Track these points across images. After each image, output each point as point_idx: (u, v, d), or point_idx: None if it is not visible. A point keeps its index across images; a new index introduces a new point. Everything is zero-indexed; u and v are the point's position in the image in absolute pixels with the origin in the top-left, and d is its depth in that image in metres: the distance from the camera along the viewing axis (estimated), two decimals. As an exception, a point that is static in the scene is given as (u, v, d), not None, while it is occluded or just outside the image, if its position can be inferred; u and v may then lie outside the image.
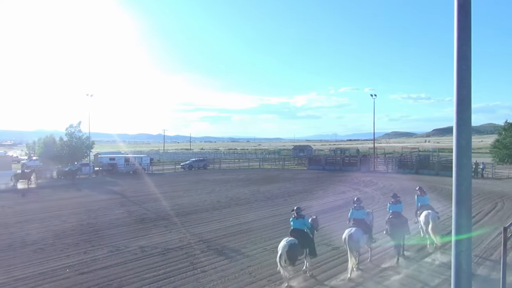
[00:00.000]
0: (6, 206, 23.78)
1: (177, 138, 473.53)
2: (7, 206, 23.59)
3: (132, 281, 10.42)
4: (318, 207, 21.79)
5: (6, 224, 18.24)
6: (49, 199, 26.90)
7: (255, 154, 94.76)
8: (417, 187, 16.03)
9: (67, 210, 21.75)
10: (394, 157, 54.74)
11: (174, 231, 16.32)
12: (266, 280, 10.39)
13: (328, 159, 55.62)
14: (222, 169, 53.20)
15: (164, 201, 24.36)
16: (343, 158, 55.52)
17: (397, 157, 53.94)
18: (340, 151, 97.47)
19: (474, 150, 58.99)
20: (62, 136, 49.50)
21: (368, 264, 11.55)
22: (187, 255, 12.79)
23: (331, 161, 52.95)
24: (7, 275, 11.05)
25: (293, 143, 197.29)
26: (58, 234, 16.06)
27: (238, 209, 21.55)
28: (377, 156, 57.51)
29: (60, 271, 11.36)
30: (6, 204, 24.34)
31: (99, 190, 31.32)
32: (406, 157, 56.52)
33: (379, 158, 56.36)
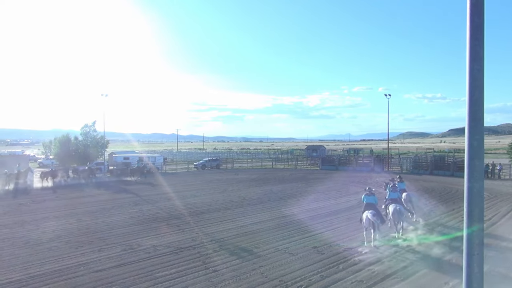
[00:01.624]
0: (23, 204, 24.26)
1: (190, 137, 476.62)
2: (24, 204, 24.05)
3: (145, 280, 10.53)
4: (331, 207, 21.70)
5: (23, 222, 18.60)
6: (65, 197, 27.32)
7: (268, 154, 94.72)
8: (397, 175, 18.92)
9: (81, 209, 22.07)
10: (409, 158, 54.14)
11: (186, 230, 16.43)
12: (278, 280, 10.39)
13: (341, 159, 55.28)
14: (235, 169, 53.31)
15: (177, 201, 24.54)
16: (356, 159, 55.10)
17: (411, 158, 53.32)
18: (353, 151, 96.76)
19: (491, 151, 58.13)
20: (77, 135, 50.27)
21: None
22: (199, 254, 12.86)
23: (345, 161, 52.62)
24: (24, 272, 11.27)
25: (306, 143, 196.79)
26: (73, 232, 16.31)
27: (250, 209, 21.58)
28: (391, 157, 56.97)
29: (75, 269, 11.54)
30: (23, 202, 24.83)
31: (113, 189, 31.69)
32: (421, 157, 55.81)
33: (393, 158, 55.82)
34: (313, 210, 20.88)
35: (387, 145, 57.00)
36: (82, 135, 49.55)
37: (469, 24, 2.90)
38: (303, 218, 18.81)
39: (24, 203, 24.67)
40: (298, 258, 12.34)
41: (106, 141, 51.39)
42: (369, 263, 11.76)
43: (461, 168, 40.01)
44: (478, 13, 2.90)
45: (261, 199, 24.92)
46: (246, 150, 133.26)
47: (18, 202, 25.02)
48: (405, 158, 55.36)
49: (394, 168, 48.28)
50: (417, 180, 35.48)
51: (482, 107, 2.89)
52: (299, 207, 22.03)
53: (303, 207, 21.99)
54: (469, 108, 2.88)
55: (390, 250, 13.06)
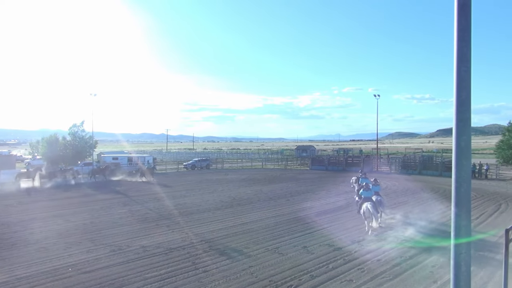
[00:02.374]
0: (10, 205, 23.91)
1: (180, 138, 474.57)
2: (10, 205, 23.72)
3: (134, 281, 10.45)
4: (321, 207, 21.79)
5: (9, 223, 18.33)
6: (53, 198, 26.99)
7: (258, 154, 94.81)
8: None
9: (70, 209, 21.83)
10: (398, 158, 54.56)
11: (176, 230, 16.35)
12: (267, 280, 10.39)
13: (331, 159, 55.52)
14: (225, 169, 53.24)
15: (167, 201, 24.41)
16: (346, 159, 55.36)
17: (400, 158, 53.72)
18: (343, 151, 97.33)
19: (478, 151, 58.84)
20: (66, 135, 49.64)
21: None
22: (189, 255, 12.81)
23: (334, 161, 52.87)
24: (10, 274, 11.11)
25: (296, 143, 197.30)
26: (61, 233, 16.12)
27: (240, 209, 21.55)
28: (381, 157, 57.41)
29: (63, 270, 11.40)
30: (9, 203, 24.47)
31: (101, 189, 31.40)
32: (410, 157, 56.26)
33: (383, 158, 56.21)
34: (303, 210, 20.93)
35: (376, 145, 57.46)
36: (70, 135, 48.94)
37: (457, 26, 2.94)
38: (293, 218, 18.86)
39: (11, 204, 24.33)
40: (288, 258, 12.37)
41: (95, 141, 50.83)
42: (358, 262, 11.84)
43: (449, 168, 40.46)
44: (465, 16, 2.94)
45: (251, 199, 24.92)
46: (236, 150, 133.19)
47: (5, 203, 24.66)
48: (394, 158, 55.81)
49: (383, 168, 48.62)
50: (406, 180, 35.80)
51: (469, 107, 2.93)
52: (289, 207, 22.07)
53: (293, 207, 22.03)
54: (456, 108, 2.92)
55: (379, 250, 13.15)
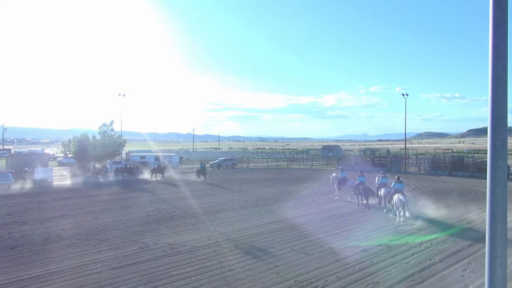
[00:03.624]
0: (43, 201, 24.76)
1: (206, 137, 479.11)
2: (43, 202, 24.55)
3: (161, 278, 10.61)
4: (347, 207, 21.51)
5: (42, 219, 18.98)
6: (83, 195, 27.77)
7: (283, 154, 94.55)
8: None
9: (99, 207, 22.40)
10: (427, 158, 53.24)
11: (202, 229, 16.50)
12: (293, 280, 10.35)
13: (357, 159, 54.78)
14: (250, 169, 53.34)
15: (193, 200, 24.68)
16: (373, 159, 54.52)
17: (429, 158, 52.42)
18: (370, 151, 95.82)
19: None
20: (95, 134, 50.94)
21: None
22: (215, 253, 12.90)
23: (361, 162, 52.12)
24: (43, 268, 11.51)
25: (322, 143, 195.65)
26: (91, 230, 16.56)
27: (265, 208, 21.54)
28: (409, 157, 56.19)
29: (93, 266, 11.72)
30: (42, 200, 25.34)
31: (129, 187, 32.06)
32: (439, 158, 54.86)
33: (411, 159, 55.04)
34: (329, 210, 20.74)
35: (405, 145, 56.30)
36: (100, 134, 50.19)
37: (492, 22, 2.84)
38: (319, 218, 18.71)
39: (44, 200, 25.18)
40: (313, 258, 12.27)
41: (124, 140, 51.93)
42: (386, 264, 11.63)
43: (481, 169, 39.22)
44: (502, 10, 2.83)
45: (276, 199, 24.87)
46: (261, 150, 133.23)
47: (38, 199, 25.54)
48: (423, 158, 54.50)
49: (411, 169, 47.65)
50: (435, 181, 34.94)
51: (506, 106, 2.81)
52: (315, 207, 21.91)
53: (319, 207, 21.86)
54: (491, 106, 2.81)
55: (408, 252, 12.87)
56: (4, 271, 11.31)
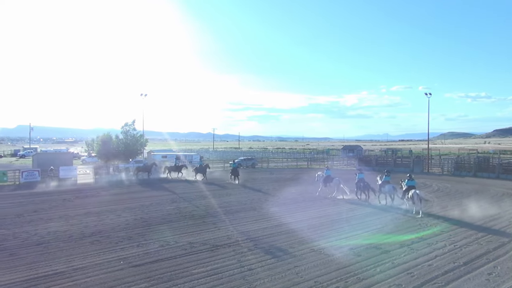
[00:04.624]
0: (67, 199, 25.36)
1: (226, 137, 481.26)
2: (68, 200, 25.14)
3: (182, 276, 10.72)
4: (368, 208, 21.25)
5: (67, 216, 19.44)
6: (106, 194, 28.31)
7: (303, 154, 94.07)
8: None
9: (121, 205, 22.78)
10: (450, 159, 52.07)
11: (222, 228, 16.58)
12: (313, 281, 10.29)
13: (379, 159, 54.03)
14: (270, 168, 53.28)
15: (213, 199, 24.82)
16: (394, 159, 53.66)
17: (453, 159, 51.26)
18: (391, 151, 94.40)
19: (541, 152, 53.80)
20: (118, 134, 51.84)
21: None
22: (235, 252, 12.94)
23: (382, 162, 51.39)
24: (67, 264, 11.78)
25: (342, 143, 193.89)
26: (113, 228, 16.86)
27: (285, 208, 21.47)
28: (432, 157, 55.07)
29: (115, 263, 11.93)
30: (67, 198, 25.95)
31: (151, 186, 32.49)
32: (464, 158, 53.56)
33: (434, 159, 53.92)
34: (350, 211, 20.54)
35: (427, 145, 55.23)
36: (123, 133, 51.08)
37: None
38: (339, 218, 18.56)
39: (68, 198, 25.78)
40: (334, 259, 12.17)
41: (145, 140, 52.69)
42: (408, 266, 11.43)
43: (507, 170, 38.16)
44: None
45: (296, 199, 24.77)
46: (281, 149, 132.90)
47: (63, 197, 26.17)
48: (446, 159, 53.31)
49: (434, 169, 46.71)
50: (459, 182, 34.15)
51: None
52: (335, 207, 21.73)
53: (339, 207, 21.67)
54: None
55: (431, 254, 12.63)
56: (31, 266, 11.64)
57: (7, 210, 21.36)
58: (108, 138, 51.09)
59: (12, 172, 37.35)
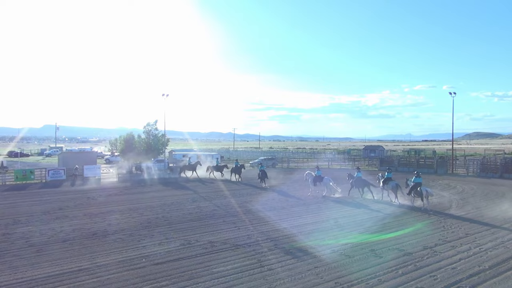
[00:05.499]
0: (91, 197, 25.92)
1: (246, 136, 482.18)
2: (92, 198, 25.70)
3: (202, 274, 10.81)
4: (389, 209, 20.94)
5: (91, 214, 19.88)
6: (128, 192, 28.81)
7: (324, 154, 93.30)
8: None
9: (143, 204, 23.14)
10: (476, 160, 50.76)
11: (242, 228, 16.64)
12: (333, 282, 10.22)
13: (401, 160, 53.12)
14: (291, 168, 53.13)
15: (233, 198, 24.94)
16: (418, 160, 52.67)
17: (478, 160, 49.96)
18: (414, 152, 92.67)
19: None
20: (140, 133, 52.61)
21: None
22: (255, 252, 12.97)
23: (405, 162, 50.52)
24: (91, 261, 12.06)
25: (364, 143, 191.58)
26: (135, 226, 17.15)
27: (305, 208, 21.39)
28: (456, 158, 53.83)
29: (137, 261, 12.13)
30: (91, 196, 26.53)
31: (172, 186, 32.87)
32: (490, 159, 52.13)
33: (458, 160, 52.68)
34: (370, 212, 20.30)
35: (452, 146, 53.99)
36: (145, 133, 51.80)
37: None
38: (361, 219, 18.36)
39: (92, 196, 26.35)
40: (354, 260, 12.06)
41: (167, 139, 53.27)
42: (431, 269, 11.22)
43: (536, 171, 36.88)
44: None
45: (317, 200, 24.63)
46: (301, 149, 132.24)
47: (87, 195, 26.77)
48: (472, 160, 51.96)
49: (459, 171, 45.63)
50: (485, 183, 33.27)
51: None
52: (356, 208, 21.51)
53: (360, 208, 21.43)
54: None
55: (455, 257, 12.36)
56: (57, 262, 11.96)
57: (34, 208, 22.01)
58: (130, 137, 51.93)
59: (39, 170, 38.41)
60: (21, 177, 35.77)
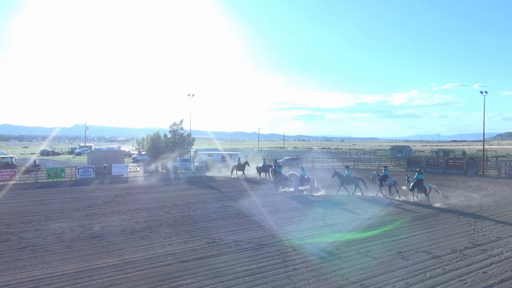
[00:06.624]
0: (119, 195, 26.51)
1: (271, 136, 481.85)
2: (119, 196, 26.28)
3: (227, 273, 10.88)
4: (417, 210, 20.50)
5: (119, 212, 20.34)
6: (155, 191, 29.30)
7: (349, 154, 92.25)
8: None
9: (169, 202, 23.47)
10: (508, 161, 49.06)
11: (267, 227, 16.63)
12: (359, 284, 10.10)
13: (429, 161, 51.89)
14: (315, 168, 52.73)
15: (258, 198, 24.96)
16: (446, 160, 51.34)
17: (511, 161, 48.29)
18: (443, 152, 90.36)
19: None
20: (166, 133, 53.36)
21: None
22: (279, 252, 12.96)
23: (433, 163, 49.30)
24: (119, 258, 12.33)
25: (390, 143, 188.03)
26: (162, 224, 17.43)
27: (330, 209, 21.15)
28: (487, 159, 52.16)
29: (163, 258, 12.33)
30: (119, 194, 27.14)
31: (198, 185, 33.22)
32: (523, 160, 50.23)
33: (490, 161, 51.01)
34: (398, 214, 19.94)
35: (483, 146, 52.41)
36: (171, 132, 52.48)
37: None
38: (388, 221, 18.06)
39: (120, 194, 26.94)
40: (381, 262, 11.88)
41: (192, 139, 53.81)
42: (460, 273, 10.93)
43: None
44: None
45: (342, 200, 24.36)
46: (326, 149, 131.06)
47: (115, 193, 27.39)
48: (504, 161, 50.25)
49: (490, 172, 44.19)
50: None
51: None
52: (382, 209, 21.17)
53: (386, 209, 21.08)
54: None
55: (486, 261, 11.98)
56: (86, 258, 12.30)
57: (64, 205, 22.70)
58: (157, 137, 52.74)
59: (69, 168, 39.57)
60: (52, 175, 36.92)
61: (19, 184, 33.53)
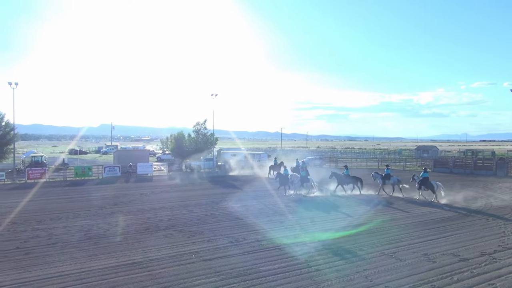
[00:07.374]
0: (144, 194, 26.97)
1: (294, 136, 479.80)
2: (144, 194, 26.73)
3: (249, 272, 10.92)
4: (444, 212, 20.04)
5: (143, 210, 20.70)
6: (179, 190, 29.66)
7: (374, 154, 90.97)
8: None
9: (193, 201, 23.73)
10: (541, 162, 47.29)
11: (289, 227, 16.60)
12: (383, 285, 9.94)
13: (456, 161, 50.58)
14: (339, 168, 52.18)
15: (280, 198, 24.93)
16: (475, 161, 49.92)
17: (544, 162, 46.49)
18: (471, 152, 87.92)
19: None
20: (190, 132, 53.90)
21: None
22: (302, 252, 12.90)
23: (461, 164, 48.01)
24: (144, 255, 12.55)
25: (416, 143, 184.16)
26: (185, 222, 17.63)
27: (353, 210, 20.92)
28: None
29: (187, 256, 12.47)
30: (144, 192, 27.61)
31: (221, 184, 33.44)
32: (556, 161, 48.30)
33: (521, 162, 49.27)
34: (423, 215, 19.53)
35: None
36: (194, 132, 52.98)
37: None
38: (412, 222, 17.73)
39: (145, 193, 27.40)
40: (406, 264, 11.67)
41: (215, 138, 54.18)
42: (489, 276, 10.61)
43: None
44: None
45: (366, 201, 24.05)
46: (350, 149, 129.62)
47: (140, 192, 27.88)
48: (536, 162, 48.49)
49: (521, 173, 42.69)
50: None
51: None
52: (407, 211, 20.78)
53: (412, 211, 20.69)
54: None
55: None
56: (112, 255, 12.58)
57: (91, 203, 23.27)
58: (181, 136, 53.32)
59: (96, 167, 40.56)
60: (80, 173, 37.93)
61: (49, 182, 34.61)
